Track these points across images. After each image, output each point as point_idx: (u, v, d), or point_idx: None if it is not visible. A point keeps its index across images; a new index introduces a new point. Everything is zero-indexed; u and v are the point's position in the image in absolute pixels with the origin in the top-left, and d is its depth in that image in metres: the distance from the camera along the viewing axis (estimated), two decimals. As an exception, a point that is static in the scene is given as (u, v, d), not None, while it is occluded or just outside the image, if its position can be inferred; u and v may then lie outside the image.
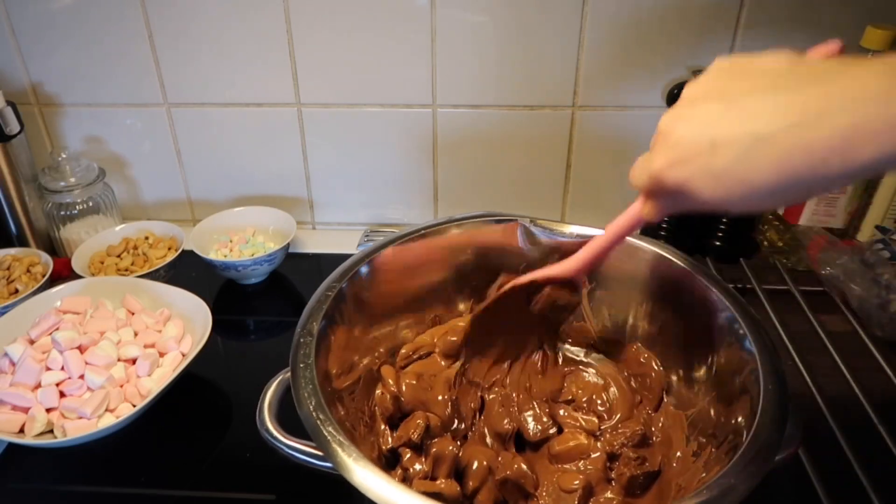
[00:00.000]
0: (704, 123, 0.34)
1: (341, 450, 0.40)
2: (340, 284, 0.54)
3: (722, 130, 0.33)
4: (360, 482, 0.38)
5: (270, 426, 0.45)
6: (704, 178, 0.34)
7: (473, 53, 0.82)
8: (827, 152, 0.30)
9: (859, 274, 0.72)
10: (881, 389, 0.62)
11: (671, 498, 0.48)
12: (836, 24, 0.76)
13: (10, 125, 0.81)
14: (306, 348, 0.47)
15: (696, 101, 0.36)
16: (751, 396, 0.45)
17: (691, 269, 0.55)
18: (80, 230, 0.87)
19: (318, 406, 0.42)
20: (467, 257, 0.62)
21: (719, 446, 0.46)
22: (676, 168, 0.36)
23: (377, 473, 0.38)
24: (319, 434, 0.41)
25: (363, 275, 0.56)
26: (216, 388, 0.69)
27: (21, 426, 0.58)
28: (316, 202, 0.97)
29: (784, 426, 0.41)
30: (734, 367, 0.49)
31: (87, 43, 0.85)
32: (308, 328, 0.49)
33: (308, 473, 0.58)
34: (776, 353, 0.47)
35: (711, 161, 0.34)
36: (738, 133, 0.32)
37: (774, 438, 0.40)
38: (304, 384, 0.44)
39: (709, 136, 0.34)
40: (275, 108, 0.89)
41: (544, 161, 0.89)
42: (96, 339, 0.64)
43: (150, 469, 0.60)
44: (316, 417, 0.42)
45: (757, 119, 0.32)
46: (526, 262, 0.61)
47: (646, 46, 0.80)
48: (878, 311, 0.69)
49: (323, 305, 0.51)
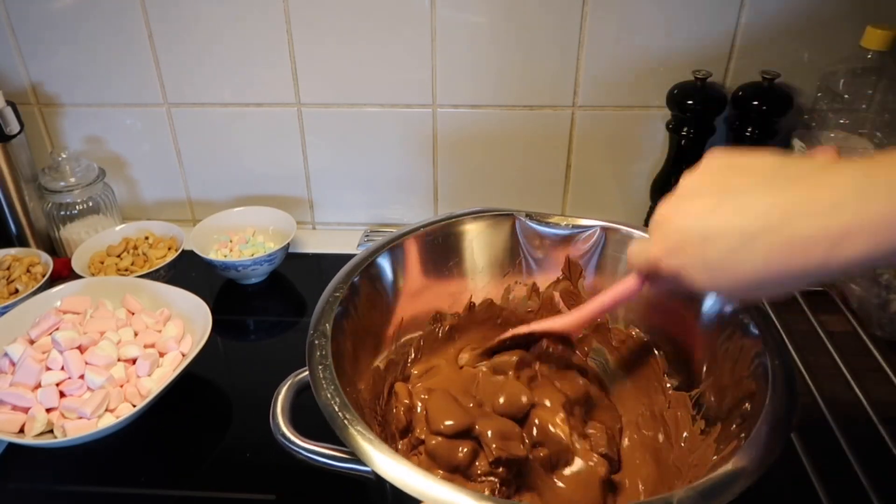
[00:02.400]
0: (697, 216, 0.36)
1: (373, 447, 0.40)
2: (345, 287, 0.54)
3: (713, 225, 0.35)
4: (398, 479, 0.38)
5: (286, 430, 0.45)
6: (697, 268, 0.37)
7: (473, 53, 0.82)
8: (810, 250, 0.31)
9: (859, 274, 0.72)
10: (881, 389, 0.62)
11: (682, 476, 0.48)
12: (836, 24, 0.76)
13: (10, 125, 0.81)
14: (322, 350, 0.47)
15: (691, 194, 0.38)
16: (759, 375, 0.45)
17: None
18: (80, 230, 0.87)
19: (343, 406, 0.42)
20: (467, 253, 0.63)
21: (728, 424, 0.46)
22: (671, 256, 0.38)
23: (414, 469, 0.38)
24: (348, 433, 0.41)
25: (365, 279, 0.56)
26: (216, 388, 0.69)
27: (21, 426, 0.58)
28: (316, 202, 0.97)
29: (796, 398, 0.42)
30: (739, 350, 0.49)
31: (88, 43, 0.85)
32: (321, 329, 0.49)
33: (308, 473, 0.58)
34: (779, 332, 0.48)
35: (704, 254, 0.36)
36: (728, 228, 0.34)
37: (790, 408, 0.41)
38: (326, 385, 0.44)
39: (701, 230, 0.36)
40: (275, 108, 0.89)
41: (544, 161, 0.90)
42: (96, 339, 0.64)
43: (150, 469, 0.60)
44: (343, 417, 0.42)
45: (746, 215, 0.34)
46: (522, 256, 0.63)
47: (646, 46, 0.80)
48: (878, 311, 0.69)
49: (333, 307, 0.51)
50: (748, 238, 0.33)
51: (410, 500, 0.37)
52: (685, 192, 0.39)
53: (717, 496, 0.36)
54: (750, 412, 0.44)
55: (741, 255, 0.34)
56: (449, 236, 0.62)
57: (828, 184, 0.31)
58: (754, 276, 0.34)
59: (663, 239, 0.39)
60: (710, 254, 0.35)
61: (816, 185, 0.32)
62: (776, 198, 0.33)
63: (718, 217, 0.35)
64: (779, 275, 0.33)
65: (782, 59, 0.78)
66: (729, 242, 0.34)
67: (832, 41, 0.76)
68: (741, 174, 0.36)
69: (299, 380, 0.48)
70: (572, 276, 0.63)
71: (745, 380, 0.47)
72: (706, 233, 0.36)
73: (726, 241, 0.34)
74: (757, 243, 0.33)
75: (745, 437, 0.40)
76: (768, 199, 0.33)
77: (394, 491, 0.38)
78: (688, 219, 0.37)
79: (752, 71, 0.79)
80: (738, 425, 0.45)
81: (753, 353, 0.47)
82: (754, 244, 0.33)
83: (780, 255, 0.32)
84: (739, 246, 0.34)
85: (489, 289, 0.64)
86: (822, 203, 0.31)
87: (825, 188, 0.31)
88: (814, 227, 0.31)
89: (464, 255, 0.63)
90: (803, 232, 0.31)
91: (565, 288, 0.63)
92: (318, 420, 0.43)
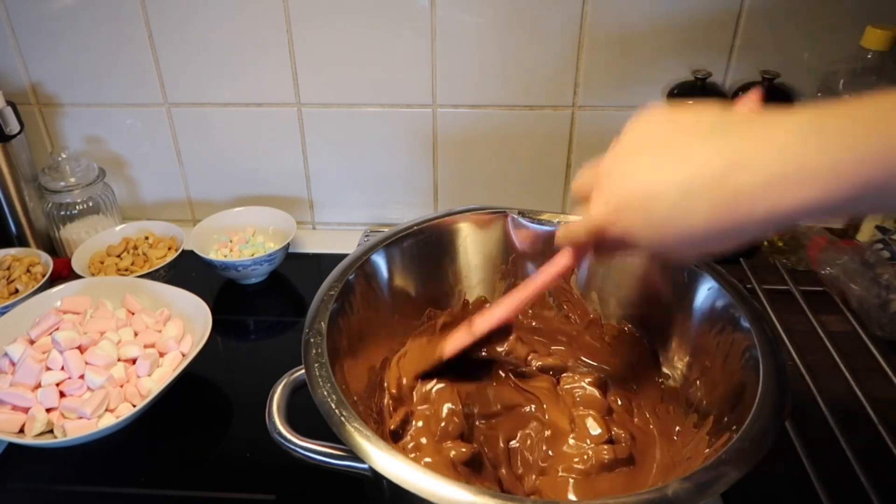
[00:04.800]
0: (637, 175, 0.36)
1: (370, 443, 0.39)
2: (339, 285, 0.54)
3: (656, 179, 0.35)
4: (396, 475, 0.38)
5: (282, 429, 0.45)
6: (641, 227, 0.36)
7: (473, 53, 0.82)
8: (756, 201, 0.31)
9: (859, 274, 0.72)
10: (881, 389, 0.62)
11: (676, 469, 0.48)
12: (836, 24, 0.76)
13: (10, 125, 0.81)
14: (318, 348, 0.47)
15: (630, 151, 0.37)
16: (750, 368, 0.46)
17: None
18: (80, 230, 0.87)
19: (340, 403, 0.42)
20: (461, 251, 0.63)
21: (720, 417, 0.47)
22: (614, 218, 0.37)
23: (411, 465, 0.38)
24: (345, 430, 0.41)
25: (360, 276, 0.57)
26: (216, 388, 0.69)
27: (21, 426, 0.58)
28: (316, 202, 0.97)
29: (787, 390, 0.42)
30: (730, 343, 0.50)
31: (87, 43, 0.85)
32: (317, 328, 0.49)
33: (308, 473, 0.58)
34: (771, 323, 0.48)
35: (648, 211, 0.35)
36: (670, 184, 0.34)
37: (782, 400, 0.42)
38: (322, 383, 0.44)
39: (643, 188, 0.35)
40: (275, 108, 0.89)
41: (544, 161, 0.90)
42: (96, 339, 0.64)
43: (150, 469, 0.60)
44: (339, 414, 0.42)
45: (688, 168, 0.33)
46: (515, 254, 0.63)
47: (646, 46, 0.80)
48: (878, 311, 0.69)
49: (328, 305, 0.51)
50: (692, 192, 0.33)
51: (408, 496, 0.37)
52: (624, 151, 0.38)
53: (709, 487, 0.36)
54: (742, 405, 0.44)
55: (685, 210, 0.33)
56: (442, 234, 0.62)
57: (771, 134, 0.31)
58: (700, 230, 0.33)
59: (605, 202, 0.38)
60: (654, 212, 0.35)
61: (760, 135, 0.31)
62: (719, 149, 0.32)
63: (659, 173, 0.34)
64: (725, 228, 0.32)
65: (782, 59, 0.78)
66: (672, 198, 0.33)
67: (832, 41, 0.76)
68: (681, 128, 0.35)
69: (294, 378, 0.48)
70: None
71: (737, 373, 0.47)
72: (648, 191, 0.35)
73: (669, 197, 0.34)
74: (701, 196, 0.32)
75: (736, 430, 0.41)
76: (710, 151, 0.32)
77: (391, 487, 0.38)
78: (627, 178, 0.36)
79: (752, 71, 0.79)
80: (730, 418, 0.45)
81: (744, 347, 0.47)
82: (698, 198, 0.32)
83: (724, 207, 0.32)
84: (682, 201, 0.33)
85: (483, 286, 0.64)
86: (767, 152, 0.30)
87: (769, 138, 0.31)
88: (759, 176, 0.30)
89: (457, 253, 0.63)
90: (748, 181, 0.31)
91: (557, 285, 0.64)
92: (313, 419, 0.43)
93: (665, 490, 0.36)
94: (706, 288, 0.53)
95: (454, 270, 0.63)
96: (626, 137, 0.38)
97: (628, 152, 0.38)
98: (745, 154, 0.31)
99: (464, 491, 0.36)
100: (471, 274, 0.64)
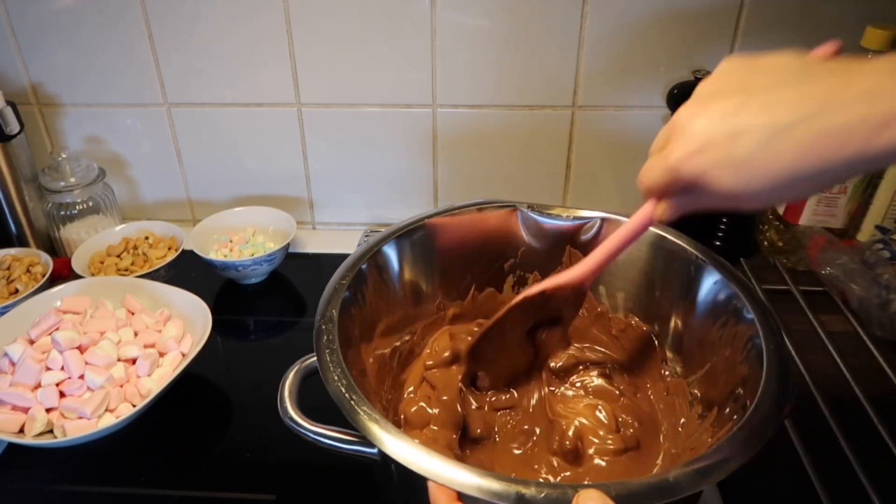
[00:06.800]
0: (723, 115, 0.34)
1: (379, 427, 0.40)
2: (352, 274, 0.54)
3: (742, 121, 0.33)
4: (403, 456, 0.38)
5: (293, 414, 0.45)
6: (724, 168, 0.34)
7: (473, 53, 0.82)
8: (848, 140, 0.30)
9: (859, 274, 0.72)
10: (881, 389, 0.62)
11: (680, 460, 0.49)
12: (836, 24, 0.76)
13: (10, 125, 0.81)
14: (329, 334, 0.47)
15: (711, 96, 0.36)
16: (753, 358, 0.46)
17: (687, 246, 0.56)
18: (80, 230, 0.87)
19: (350, 388, 0.42)
20: (469, 244, 0.63)
21: (723, 408, 0.47)
22: (695, 158, 0.36)
23: (420, 448, 0.38)
24: (355, 414, 0.41)
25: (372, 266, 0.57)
26: (216, 388, 0.69)
27: (21, 426, 0.58)
28: (316, 202, 0.97)
29: (788, 382, 0.42)
30: (734, 336, 0.50)
31: (88, 43, 0.85)
32: (328, 315, 0.49)
33: (308, 473, 0.58)
34: (774, 318, 0.48)
35: (732, 150, 0.34)
36: (758, 123, 0.33)
37: (783, 392, 0.42)
38: (333, 368, 0.44)
39: (729, 127, 0.34)
40: (275, 108, 0.89)
41: (544, 161, 0.90)
42: (96, 339, 0.64)
43: (150, 469, 0.60)
44: (350, 398, 0.42)
45: (776, 110, 0.32)
46: (524, 247, 0.63)
47: (646, 46, 0.80)
48: (878, 311, 0.69)
49: (340, 293, 0.51)
50: (781, 130, 0.32)
51: (417, 480, 0.37)
52: (704, 96, 0.36)
53: (710, 473, 0.36)
54: (744, 396, 0.44)
55: (773, 148, 0.32)
56: (452, 227, 0.62)
57: (859, 77, 0.31)
58: (788, 171, 0.32)
59: (684, 143, 0.36)
60: (739, 150, 0.33)
61: (848, 79, 0.31)
62: (807, 92, 0.32)
63: (746, 113, 0.33)
64: (814, 168, 0.31)
65: (782, 59, 0.78)
66: (760, 137, 0.32)
67: (832, 41, 0.76)
68: (763, 72, 0.34)
69: (306, 366, 0.49)
70: None
71: (740, 365, 0.48)
72: (733, 129, 0.33)
73: (757, 135, 0.32)
74: (791, 135, 0.31)
75: (738, 420, 0.41)
76: (797, 94, 0.32)
77: (400, 471, 0.38)
78: (712, 119, 0.35)
79: (752, 71, 0.79)
80: (732, 409, 0.45)
81: (747, 338, 0.48)
82: (788, 136, 0.32)
83: (815, 146, 0.31)
84: (771, 139, 0.32)
85: (492, 279, 0.65)
86: (859, 91, 0.30)
87: (858, 81, 0.30)
88: (851, 114, 0.30)
89: (467, 246, 0.63)
90: (840, 120, 0.30)
91: None
92: (322, 405, 0.43)
93: (667, 475, 0.36)
94: (712, 281, 0.53)
95: (464, 263, 0.63)
96: (705, 85, 0.37)
97: (710, 97, 0.36)
98: (836, 96, 0.31)
99: (471, 474, 0.36)
100: (480, 267, 0.64)
